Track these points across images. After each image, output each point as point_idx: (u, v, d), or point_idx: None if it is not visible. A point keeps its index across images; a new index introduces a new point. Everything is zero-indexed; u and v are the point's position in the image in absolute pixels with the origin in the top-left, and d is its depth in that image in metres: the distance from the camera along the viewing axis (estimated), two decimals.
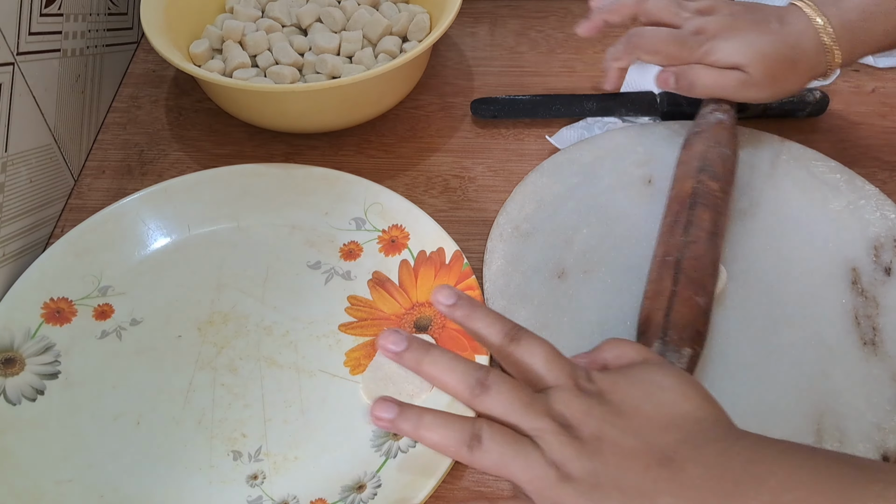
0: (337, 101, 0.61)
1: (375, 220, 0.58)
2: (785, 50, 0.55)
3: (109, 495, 0.46)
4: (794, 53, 0.55)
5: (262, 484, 0.47)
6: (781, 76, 0.56)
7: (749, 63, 0.55)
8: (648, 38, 0.58)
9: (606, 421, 0.35)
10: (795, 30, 0.56)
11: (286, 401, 0.50)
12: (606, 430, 0.35)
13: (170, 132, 0.68)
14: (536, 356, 0.38)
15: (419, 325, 0.53)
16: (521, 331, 0.39)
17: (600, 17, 0.61)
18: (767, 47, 0.55)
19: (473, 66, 0.73)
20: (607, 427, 0.35)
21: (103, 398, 0.50)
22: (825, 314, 0.51)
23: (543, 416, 0.35)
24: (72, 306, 0.54)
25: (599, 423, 0.35)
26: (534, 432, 0.35)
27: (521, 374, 0.38)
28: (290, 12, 0.67)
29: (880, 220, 0.56)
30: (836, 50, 0.55)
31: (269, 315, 0.54)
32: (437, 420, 0.36)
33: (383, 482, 0.46)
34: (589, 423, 0.35)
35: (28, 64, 0.57)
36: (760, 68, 0.55)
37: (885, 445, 0.45)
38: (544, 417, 0.35)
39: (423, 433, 0.36)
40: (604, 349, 0.41)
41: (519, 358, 0.38)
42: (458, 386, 0.37)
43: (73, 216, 0.61)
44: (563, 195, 0.58)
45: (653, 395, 0.37)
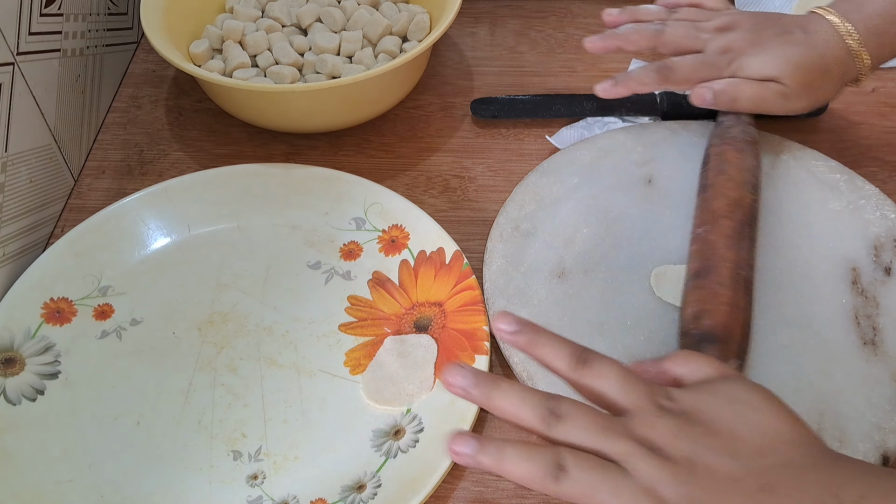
0: (337, 101, 0.61)
1: (375, 220, 0.58)
2: (815, 58, 0.55)
3: (109, 495, 0.46)
4: (825, 61, 0.55)
5: (262, 484, 0.47)
6: (816, 84, 0.56)
7: (783, 75, 0.55)
8: (679, 71, 0.57)
9: (699, 442, 0.33)
10: (821, 38, 0.55)
11: (286, 401, 0.50)
12: (700, 452, 0.33)
13: (170, 132, 0.68)
14: (609, 379, 0.35)
15: (419, 325, 0.53)
16: (589, 354, 0.36)
17: (614, 43, 0.59)
18: (798, 57, 0.55)
19: (473, 66, 0.73)
20: (701, 449, 0.33)
21: (103, 398, 0.50)
22: (825, 314, 0.51)
23: (627, 439, 0.33)
24: (72, 306, 0.54)
25: (691, 444, 0.33)
26: (620, 456, 0.33)
27: (595, 399, 0.36)
28: (290, 12, 0.67)
29: (880, 220, 0.56)
30: (864, 54, 0.55)
31: (269, 315, 0.54)
32: (520, 452, 0.34)
33: (383, 482, 0.46)
34: (679, 446, 0.33)
35: (28, 64, 0.57)
36: (795, 79, 0.55)
37: (885, 445, 0.45)
38: (628, 440, 0.33)
39: (505, 467, 0.33)
40: (674, 362, 0.38)
41: (590, 383, 0.36)
42: (530, 418, 0.35)
43: (73, 216, 0.61)
44: (563, 195, 0.58)
45: (744, 414, 0.34)
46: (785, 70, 0.55)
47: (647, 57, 0.72)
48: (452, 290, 0.54)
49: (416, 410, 0.49)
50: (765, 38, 0.56)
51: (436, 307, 0.54)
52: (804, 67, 0.55)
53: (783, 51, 0.55)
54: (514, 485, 0.47)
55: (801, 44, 0.55)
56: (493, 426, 0.50)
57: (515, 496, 0.47)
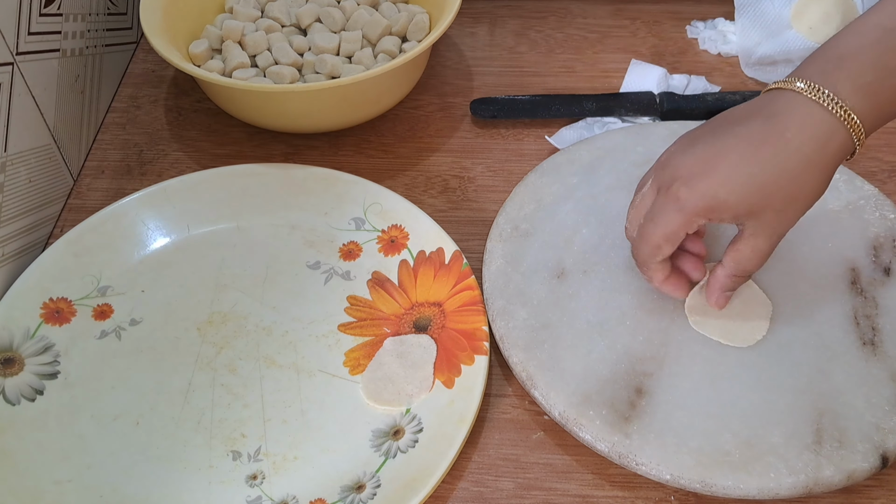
0: (336, 101, 0.61)
1: (375, 221, 0.58)
2: (789, 166, 0.42)
3: (109, 495, 0.46)
4: (802, 156, 0.42)
5: (262, 484, 0.47)
6: (799, 194, 0.43)
7: (751, 211, 0.43)
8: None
9: None
10: (793, 124, 0.42)
11: (286, 401, 0.50)
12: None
13: (169, 132, 0.68)
14: None
15: (418, 325, 0.53)
16: None
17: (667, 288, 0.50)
18: (760, 177, 0.42)
19: (473, 67, 0.73)
20: None
21: (102, 398, 0.50)
22: (825, 314, 0.51)
23: None
24: (71, 306, 0.54)
25: None
26: None
27: None
28: (289, 12, 0.67)
29: (879, 220, 0.56)
30: (852, 117, 0.41)
31: (269, 315, 0.54)
32: None
33: (383, 482, 0.46)
34: None
35: (27, 64, 0.57)
36: (769, 206, 0.43)
37: (884, 445, 0.45)
38: None
39: None
40: None
41: None
42: None
43: (72, 216, 0.61)
44: (562, 195, 0.58)
45: None
46: (752, 202, 0.43)
47: (647, 57, 0.72)
48: (452, 290, 0.54)
49: (416, 410, 0.49)
50: (714, 167, 0.43)
51: (435, 307, 0.54)
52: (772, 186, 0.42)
53: (739, 175, 0.42)
54: (514, 484, 0.47)
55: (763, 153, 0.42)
56: (493, 426, 0.50)
57: (515, 496, 0.47)
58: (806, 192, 0.43)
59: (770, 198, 0.42)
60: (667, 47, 0.74)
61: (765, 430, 0.46)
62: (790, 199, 0.42)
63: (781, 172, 0.42)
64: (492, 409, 0.51)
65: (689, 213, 0.43)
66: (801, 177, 0.42)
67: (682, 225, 0.44)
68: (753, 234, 0.44)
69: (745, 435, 0.46)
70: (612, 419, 0.47)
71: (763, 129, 0.42)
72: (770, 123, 0.42)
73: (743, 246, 0.45)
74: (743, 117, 0.44)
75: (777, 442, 0.45)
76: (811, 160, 0.42)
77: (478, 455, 0.49)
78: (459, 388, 0.49)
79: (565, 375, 0.49)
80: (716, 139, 0.43)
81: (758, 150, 0.42)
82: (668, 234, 0.45)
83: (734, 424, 0.46)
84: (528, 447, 0.49)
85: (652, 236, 0.46)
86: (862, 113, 0.41)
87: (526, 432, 0.50)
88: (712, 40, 0.73)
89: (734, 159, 0.42)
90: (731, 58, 0.73)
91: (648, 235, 0.46)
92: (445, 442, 0.47)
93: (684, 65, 0.72)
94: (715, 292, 0.49)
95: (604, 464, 0.48)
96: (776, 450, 0.45)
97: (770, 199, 0.42)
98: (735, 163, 0.42)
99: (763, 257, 0.45)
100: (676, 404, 0.47)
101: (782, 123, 0.42)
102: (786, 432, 0.46)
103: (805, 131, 0.41)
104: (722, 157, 0.43)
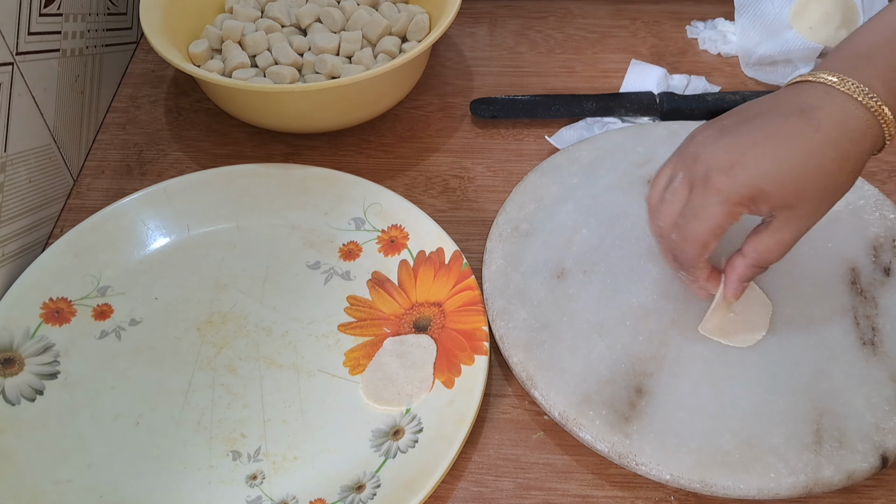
0: (336, 101, 0.61)
1: (375, 221, 0.58)
2: (826, 160, 0.41)
3: (108, 495, 0.46)
4: (839, 150, 0.41)
5: (262, 484, 0.47)
6: (834, 188, 0.42)
7: (788, 203, 0.42)
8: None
9: None
10: (828, 118, 0.41)
11: (285, 401, 0.50)
12: None
13: (169, 132, 0.68)
14: None
15: (418, 325, 0.53)
16: None
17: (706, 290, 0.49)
18: (802, 166, 0.41)
19: (473, 67, 0.73)
20: None
21: (102, 398, 0.50)
22: (825, 314, 0.51)
23: None
24: (71, 306, 0.54)
25: None
26: None
27: None
28: (289, 12, 0.67)
29: (879, 220, 0.56)
30: (886, 112, 0.41)
31: (269, 315, 0.54)
32: None
33: (382, 482, 0.46)
34: None
35: (27, 64, 0.57)
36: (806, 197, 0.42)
37: (884, 445, 0.45)
38: None
39: None
40: None
41: None
42: None
43: (72, 216, 0.61)
44: (562, 195, 0.58)
45: None
46: (792, 191, 0.42)
47: (647, 57, 0.72)
48: (452, 290, 0.54)
49: (416, 411, 0.49)
50: (756, 153, 0.42)
51: (435, 307, 0.54)
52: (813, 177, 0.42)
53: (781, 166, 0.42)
54: (514, 484, 0.47)
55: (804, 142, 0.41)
56: (493, 426, 0.50)
57: (515, 496, 0.47)
58: (839, 187, 0.42)
59: (806, 190, 0.41)
60: (667, 47, 0.74)
61: (765, 430, 0.46)
62: (826, 192, 0.42)
63: (819, 166, 0.41)
64: (492, 409, 0.51)
65: (733, 204, 0.42)
66: (836, 171, 0.41)
67: (727, 216, 0.43)
68: (782, 226, 0.43)
69: (745, 435, 0.46)
70: (612, 419, 0.47)
71: (799, 123, 0.41)
72: (805, 117, 0.41)
73: (768, 238, 0.44)
74: (772, 109, 0.43)
75: (777, 442, 0.45)
76: (847, 155, 0.41)
77: (478, 455, 0.49)
78: (459, 388, 0.49)
79: (565, 375, 0.49)
80: (749, 130, 0.42)
81: (795, 142, 0.41)
82: (714, 228, 0.43)
83: (734, 424, 0.46)
84: (528, 447, 0.49)
85: (697, 233, 0.44)
86: (894, 108, 0.41)
87: (526, 432, 0.50)
88: (712, 40, 0.73)
89: (771, 151, 0.41)
90: (731, 58, 0.73)
91: (693, 233, 0.44)
92: (445, 442, 0.47)
93: (684, 65, 0.72)
94: (733, 283, 0.47)
95: (604, 464, 0.48)
96: (776, 450, 0.45)
97: (806, 191, 0.41)
98: (773, 154, 0.41)
99: (786, 250, 0.44)
100: (676, 404, 0.47)
101: (817, 117, 0.41)
102: (786, 432, 0.46)
103: (841, 126, 0.41)
104: (759, 147, 0.42)
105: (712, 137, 0.44)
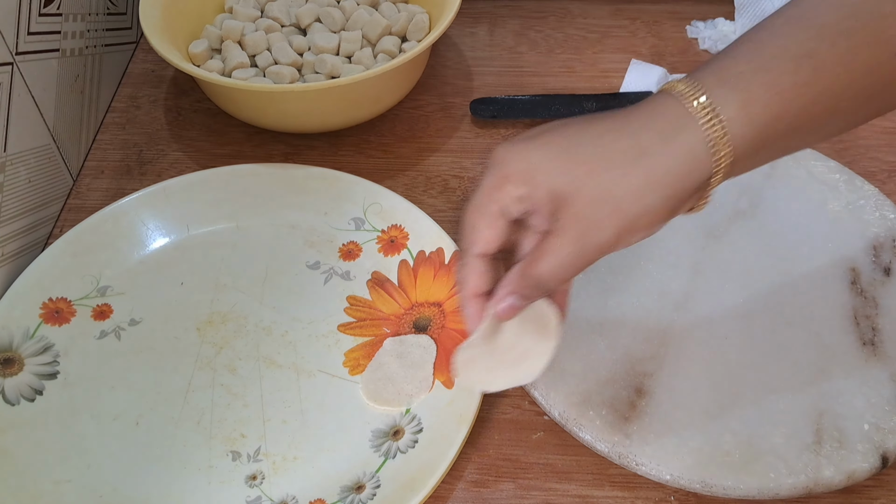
0: (336, 101, 0.61)
1: (374, 221, 0.58)
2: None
3: (108, 496, 0.46)
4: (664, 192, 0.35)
5: (261, 484, 0.47)
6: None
7: (564, 195, 0.36)
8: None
9: None
10: (663, 163, 0.35)
11: (285, 401, 0.50)
12: None
13: (169, 132, 0.68)
14: None
15: (418, 325, 0.53)
16: None
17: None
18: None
19: (473, 67, 0.73)
20: None
21: (102, 398, 0.50)
22: (825, 314, 0.51)
23: None
24: (70, 306, 0.54)
25: None
26: None
27: None
28: (289, 12, 0.67)
29: (879, 220, 0.56)
30: (725, 151, 0.34)
31: (269, 315, 0.54)
32: None
33: (382, 482, 0.46)
34: None
35: (27, 64, 0.57)
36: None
37: (884, 445, 0.45)
38: None
39: None
40: None
41: None
42: None
43: (71, 216, 0.61)
44: None
45: None
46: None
47: (647, 57, 0.72)
48: (452, 290, 0.54)
49: (416, 411, 0.49)
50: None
51: (435, 307, 0.54)
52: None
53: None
54: (514, 484, 0.47)
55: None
56: (492, 426, 0.50)
57: (515, 496, 0.47)
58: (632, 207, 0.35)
59: (583, 189, 0.35)
60: (667, 47, 0.74)
61: (765, 430, 0.46)
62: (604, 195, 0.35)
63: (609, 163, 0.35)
64: (492, 409, 0.51)
65: (501, 177, 0.37)
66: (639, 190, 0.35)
67: (493, 186, 0.37)
68: (560, 232, 0.36)
69: (745, 435, 0.46)
70: (612, 419, 0.47)
71: (636, 162, 0.35)
72: (645, 157, 0.35)
73: (546, 246, 0.37)
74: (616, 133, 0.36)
75: (777, 442, 0.45)
76: (671, 195, 0.35)
77: (478, 455, 0.49)
78: (459, 388, 0.49)
79: (565, 375, 0.49)
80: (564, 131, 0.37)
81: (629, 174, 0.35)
82: (479, 200, 0.38)
83: (734, 424, 0.46)
84: (528, 447, 0.49)
85: (470, 202, 0.39)
86: (738, 140, 0.34)
87: (526, 432, 0.50)
88: (712, 40, 0.73)
89: (572, 145, 0.36)
90: None
91: (470, 203, 0.39)
92: (445, 442, 0.47)
93: (684, 65, 0.72)
94: (500, 296, 0.39)
95: (604, 464, 0.48)
96: (776, 450, 0.45)
97: (583, 190, 0.35)
98: (566, 147, 0.36)
99: (564, 270, 0.36)
100: (676, 404, 0.47)
101: (656, 158, 0.35)
102: (786, 432, 0.46)
103: (678, 172, 0.35)
104: (556, 141, 0.37)
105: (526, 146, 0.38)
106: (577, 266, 0.36)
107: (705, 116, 0.34)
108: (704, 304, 0.52)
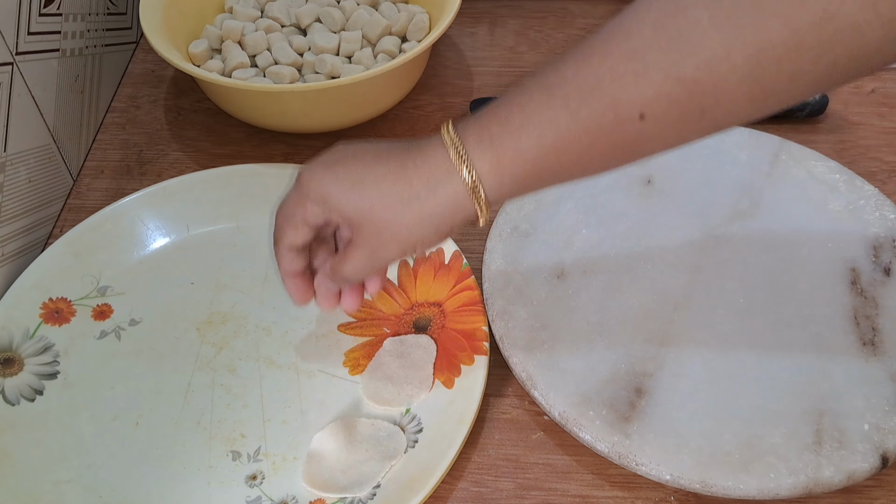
0: (336, 101, 0.61)
1: None
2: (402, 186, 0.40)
3: (108, 496, 0.46)
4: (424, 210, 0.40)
5: (262, 484, 0.47)
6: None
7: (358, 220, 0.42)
8: None
9: None
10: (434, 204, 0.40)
11: (285, 401, 0.50)
12: None
13: (169, 132, 0.68)
14: None
15: (418, 325, 0.53)
16: None
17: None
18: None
19: (473, 67, 0.73)
20: None
21: (102, 398, 0.50)
22: (825, 314, 0.51)
23: None
24: (70, 306, 0.54)
25: None
26: None
27: None
28: (289, 12, 0.67)
29: (880, 220, 0.56)
30: (481, 197, 0.40)
31: (269, 315, 0.54)
32: None
33: (382, 482, 0.46)
34: None
35: (27, 64, 0.57)
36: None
37: (884, 445, 0.45)
38: None
39: None
40: None
41: None
42: None
43: (71, 216, 0.61)
44: (562, 195, 0.58)
45: None
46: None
47: None
48: (451, 290, 0.54)
49: (416, 411, 0.49)
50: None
51: (435, 307, 0.54)
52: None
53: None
54: (514, 484, 0.47)
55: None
56: (492, 426, 0.50)
57: (515, 496, 0.47)
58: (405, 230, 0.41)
59: (373, 220, 0.41)
60: None
61: (765, 430, 0.46)
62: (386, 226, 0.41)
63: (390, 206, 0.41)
64: (492, 409, 0.51)
65: (303, 196, 0.43)
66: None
67: (297, 202, 0.43)
68: (356, 246, 0.43)
69: (745, 435, 0.46)
70: (612, 419, 0.47)
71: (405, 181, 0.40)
72: (417, 200, 0.40)
73: (347, 253, 0.44)
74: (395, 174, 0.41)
75: (777, 442, 0.45)
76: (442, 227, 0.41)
77: (478, 455, 0.49)
78: (459, 388, 0.49)
79: (565, 375, 0.49)
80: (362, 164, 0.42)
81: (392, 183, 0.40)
82: (287, 209, 0.44)
83: (734, 424, 0.46)
84: (528, 447, 0.49)
85: (280, 207, 0.45)
86: (492, 195, 0.40)
87: (526, 432, 0.50)
88: None
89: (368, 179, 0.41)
90: None
91: (280, 207, 0.45)
92: (445, 442, 0.47)
93: None
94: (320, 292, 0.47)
95: (604, 464, 0.48)
96: (776, 450, 0.45)
97: (373, 221, 0.41)
98: (353, 183, 0.41)
99: (363, 272, 0.44)
100: (676, 404, 0.47)
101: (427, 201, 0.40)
102: (786, 432, 0.46)
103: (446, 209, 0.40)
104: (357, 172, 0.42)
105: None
106: (373, 269, 0.44)
107: (464, 169, 0.39)
108: (704, 304, 0.52)
